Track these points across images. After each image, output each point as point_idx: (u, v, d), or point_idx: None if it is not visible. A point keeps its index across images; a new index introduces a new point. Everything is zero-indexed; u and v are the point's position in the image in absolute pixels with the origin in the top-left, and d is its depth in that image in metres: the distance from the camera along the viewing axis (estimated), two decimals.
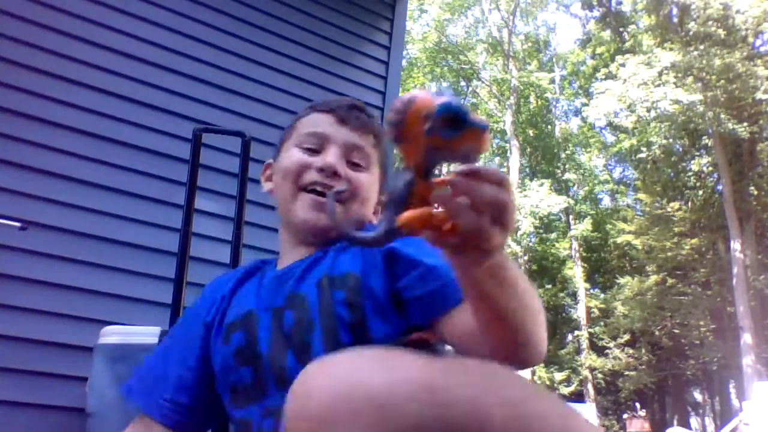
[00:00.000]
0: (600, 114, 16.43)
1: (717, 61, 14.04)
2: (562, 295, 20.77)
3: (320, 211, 0.95)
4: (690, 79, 14.56)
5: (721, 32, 14.89)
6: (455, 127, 0.56)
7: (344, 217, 0.95)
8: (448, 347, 0.85)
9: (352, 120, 1.00)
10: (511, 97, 20.93)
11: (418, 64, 20.92)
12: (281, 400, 0.75)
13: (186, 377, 0.97)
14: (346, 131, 0.99)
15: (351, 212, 0.96)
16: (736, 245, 15.10)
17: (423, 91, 0.59)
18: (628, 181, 21.29)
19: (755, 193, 16.41)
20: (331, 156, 0.96)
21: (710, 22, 14.88)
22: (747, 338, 14.34)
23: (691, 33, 15.47)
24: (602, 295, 20.30)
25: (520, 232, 17.17)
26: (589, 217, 20.42)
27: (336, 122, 1.00)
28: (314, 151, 0.99)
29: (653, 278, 17.25)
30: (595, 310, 19.60)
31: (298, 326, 0.87)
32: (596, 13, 20.45)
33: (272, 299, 0.93)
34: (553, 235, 20.85)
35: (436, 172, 0.60)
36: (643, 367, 18.46)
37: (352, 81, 3.63)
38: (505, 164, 20.17)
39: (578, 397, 18.80)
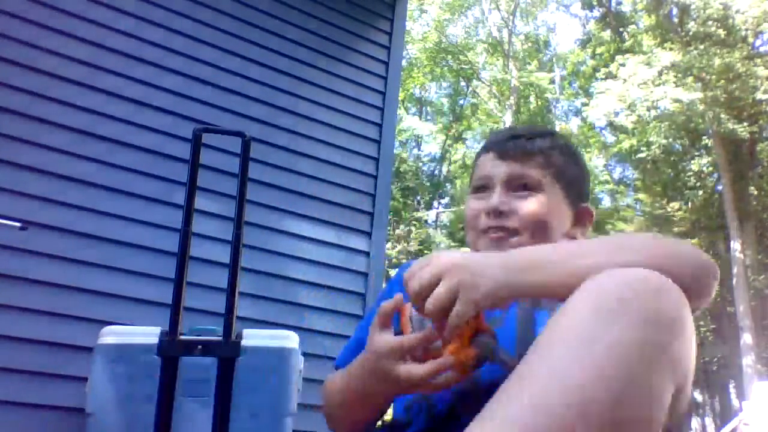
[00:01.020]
0: (600, 114, 16.42)
1: (717, 61, 14.04)
2: None
3: (498, 248, 0.96)
4: (690, 78, 14.55)
5: (721, 32, 14.88)
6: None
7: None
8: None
9: (511, 151, 1.02)
10: (511, 97, 20.93)
11: (418, 64, 20.90)
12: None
13: None
14: (505, 166, 1.02)
15: (526, 242, 0.97)
16: (736, 245, 15.10)
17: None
18: (628, 181, 21.28)
19: (755, 193, 16.41)
20: (494, 197, 1.00)
21: (710, 22, 14.88)
22: (747, 338, 14.33)
23: (691, 33, 15.47)
24: None
25: None
26: None
27: (496, 159, 1.03)
28: (485, 192, 1.03)
29: None
30: None
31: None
32: (596, 13, 20.45)
33: None
34: None
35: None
36: None
37: (352, 81, 3.63)
38: None
39: None
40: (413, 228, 18.04)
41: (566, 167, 1.04)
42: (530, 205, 0.99)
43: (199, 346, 1.78)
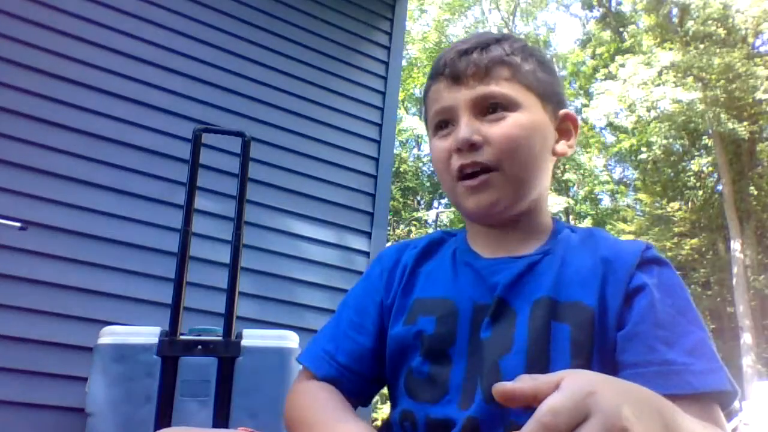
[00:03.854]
0: (600, 114, 16.43)
1: (717, 61, 14.04)
2: None
3: (478, 193, 0.80)
4: (690, 78, 14.56)
5: (721, 32, 14.89)
6: None
7: (504, 185, 0.80)
8: None
9: (466, 71, 0.82)
10: None
11: (418, 64, 20.90)
12: (456, 412, 0.72)
13: (364, 345, 0.85)
14: (464, 89, 0.82)
15: (508, 176, 0.80)
16: (736, 245, 15.09)
17: None
18: (628, 181, 21.28)
19: (755, 193, 16.40)
20: (461, 129, 0.80)
21: (710, 22, 14.88)
22: (747, 338, 14.33)
23: (690, 33, 15.47)
24: None
25: None
26: (589, 217, 20.42)
27: (451, 84, 0.83)
28: (449, 127, 0.83)
29: None
30: None
31: (494, 344, 0.75)
32: (596, 13, 20.45)
33: (474, 292, 0.80)
34: None
35: None
36: None
37: (352, 81, 3.63)
38: None
39: None
40: (413, 228, 18.05)
41: (535, 71, 0.84)
42: (506, 129, 0.79)
43: (199, 346, 1.78)
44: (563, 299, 0.75)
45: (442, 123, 0.84)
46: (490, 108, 0.81)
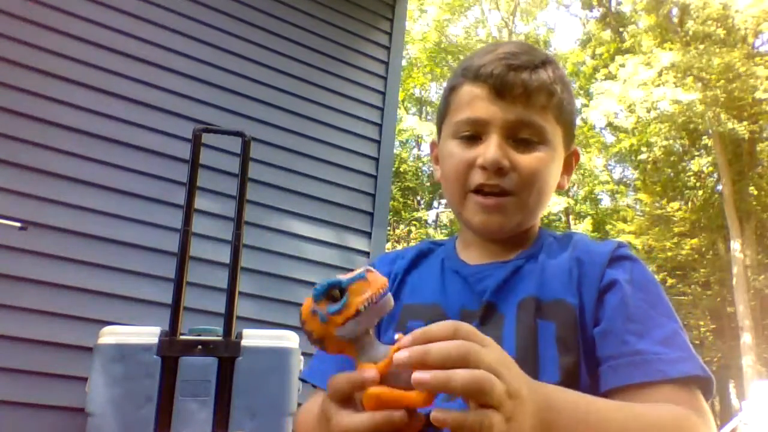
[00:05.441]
0: (600, 114, 16.44)
1: (717, 61, 14.04)
2: None
3: (490, 213, 0.81)
4: (690, 79, 14.56)
5: (721, 32, 14.90)
6: (338, 297, 0.57)
7: (515, 212, 0.82)
8: None
9: (512, 87, 0.80)
10: None
11: (418, 64, 20.90)
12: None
13: None
14: (505, 106, 0.80)
15: (522, 204, 0.81)
16: (736, 245, 15.09)
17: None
18: (628, 181, 21.28)
19: (755, 193, 16.40)
20: (492, 148, 0.79)
21: (710, 22, 14.89)
22: (747, 338, 14.33)
23: (690, 33, 15.48)
24: None
25: None
26: (589, 217, 20.42)
27: (493, 97, 0.80)
28: (474, 138, 0.82)
29: None
30: None
31: None
32: (596, 13, 20.46)
33: (462, 298, 0.81)
34: None
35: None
36: None
37: (352, 81, 3.63)
38: None
39: None
40: (413, 228, 18.06)
41: (567, 103, 0.84)
42: (533, 162, 0.80)
43: (199, 346, 1.78)
44: (547, 298, 0.77)
45: (469, 131, 0.82)
46: (521, 133, 0.81)
